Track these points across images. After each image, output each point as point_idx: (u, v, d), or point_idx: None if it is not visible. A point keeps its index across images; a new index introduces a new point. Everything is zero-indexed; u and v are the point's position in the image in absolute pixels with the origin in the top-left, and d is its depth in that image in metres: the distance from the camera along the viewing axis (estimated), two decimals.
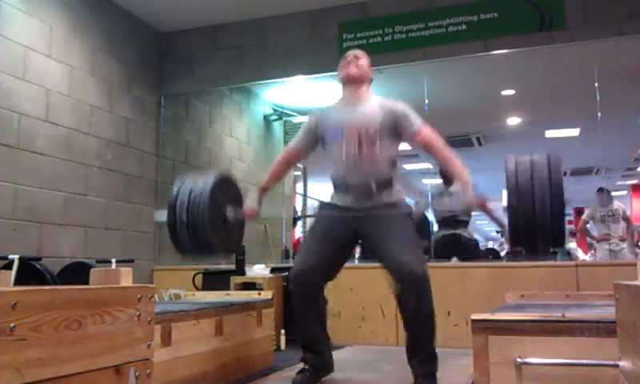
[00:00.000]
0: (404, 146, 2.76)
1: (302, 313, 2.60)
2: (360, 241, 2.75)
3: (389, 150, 2.59)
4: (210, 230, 2.54)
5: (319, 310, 2.62)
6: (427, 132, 2.57)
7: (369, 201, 2.53)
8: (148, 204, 5.01)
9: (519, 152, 2.44)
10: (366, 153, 2.53)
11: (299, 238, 7.49)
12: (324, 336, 2.67)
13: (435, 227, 5.16)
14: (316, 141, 2.74)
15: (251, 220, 2.77)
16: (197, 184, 2.60)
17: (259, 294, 3.55)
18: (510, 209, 2.26)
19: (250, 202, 2.73)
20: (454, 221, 4.87)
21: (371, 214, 2.52)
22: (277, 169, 2.83)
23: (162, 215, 2.73)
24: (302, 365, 2.62)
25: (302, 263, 2.58)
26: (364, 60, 2.70)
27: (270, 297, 3.33)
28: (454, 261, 4.41)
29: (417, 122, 2.58)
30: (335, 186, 2.66)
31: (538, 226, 2.20)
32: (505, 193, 2.33)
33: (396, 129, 2.59)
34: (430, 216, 5.16)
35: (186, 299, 3.62)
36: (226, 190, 2.74)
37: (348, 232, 2.59)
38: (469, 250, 4.82)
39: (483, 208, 2.42)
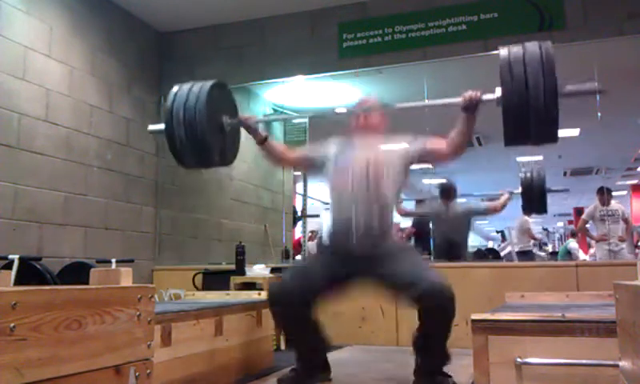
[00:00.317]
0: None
1: (290, 328, 2.58)
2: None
3: (395, 177, 2.55)
4: (207, 133, 2.54)
5: (307, 321, 2.53)
6: (430, 142, 2.59)
7: (369, 240, 2.45)
8: (148, 204, 5.01)
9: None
10: (372, 179, 2.49)
11: (299, 238, 7.49)
12: (319, 343, 2.62)
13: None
14: (322, 161, 2.67)
15: (247, 127, 2.73)
16: (193, 90, 2.59)
17: (259, 294, 3.55)
18: (505, 98, 2.30)
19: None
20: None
21: (374, 256, 2.44)
22: (280, 146, 2.89)
23: (156, 126, 2.73)
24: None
25: (287, 282, 2.56)
26: (375, 116, 2.68)
27: None
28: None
29: (419, 142, 2.60)
30: (335, 225, 2.56)
31: (531, 118, 2.23)
32: (499, 90, 2.37)
33: (405, 163, 2.59)
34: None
35: (186, 299, 3.62)
36: (222, 98, 2.74)
37: (349, 272, 2.50)
38: (465, 252, 4.82)
39: (476, 100, 2.47)
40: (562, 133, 2.28)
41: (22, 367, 1.10)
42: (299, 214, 7.17)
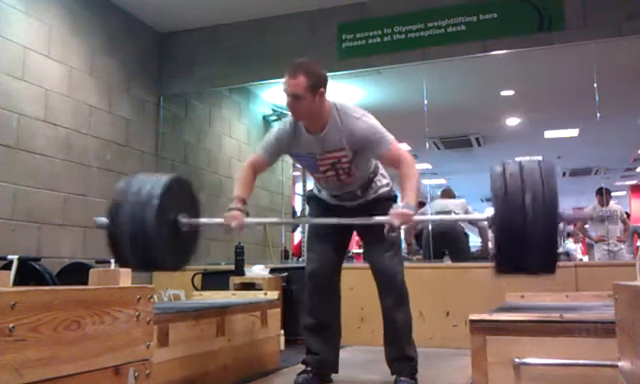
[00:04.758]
0: None
1: (320, 302, 2.63)
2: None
3: (366, 165, 2.52)
4: (157, 246, 2.18)
5: (337, 299, 2.73)
6: (393, 152, 2.33)
7: (355, 200, 2.58)
8: None
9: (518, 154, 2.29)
10: (344, 178, 2.48)
11: (300, 240, 7.48)
12: (339, 327, 2.75)
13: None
14: (281, 154, 2.60)
15: (233, 231, 2.40)
16: (145, 187, 2.24)
17: (265, 294, 3.52)
18: (497, 222, 1.93)
19: (232, 211, 2.39)
20: (447, 213, 4.84)
21: (360, 209, 2.56)
22: (248, 181, 2.52)
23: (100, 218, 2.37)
24: (302, 367, 2.59)
25: (315, 260, 2.63)
26: (305, 99, 2.27)
27: (275, 297, 3.31)
28: (446, 259, 4.40)
29: (383, 145, 2.33)
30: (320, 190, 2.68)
31: (526, 249, 1.90)
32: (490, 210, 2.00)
33: (367, 151, 2.41)
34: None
35: (191, 299, 3.61)
36: (179, 194, 2.36)
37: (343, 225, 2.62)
38: (459, 244, 4.80)
39: (407, 220, 2.17)
40: (562, 133, 2.27)
41: (22, 367, 1.10)
42: (298, 214, 7.17)
